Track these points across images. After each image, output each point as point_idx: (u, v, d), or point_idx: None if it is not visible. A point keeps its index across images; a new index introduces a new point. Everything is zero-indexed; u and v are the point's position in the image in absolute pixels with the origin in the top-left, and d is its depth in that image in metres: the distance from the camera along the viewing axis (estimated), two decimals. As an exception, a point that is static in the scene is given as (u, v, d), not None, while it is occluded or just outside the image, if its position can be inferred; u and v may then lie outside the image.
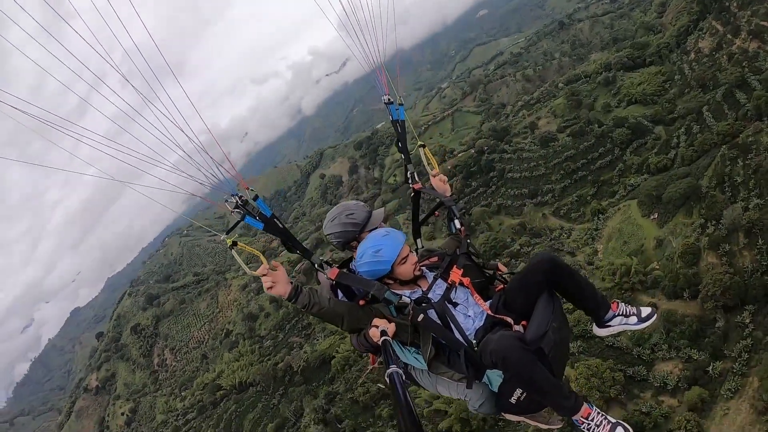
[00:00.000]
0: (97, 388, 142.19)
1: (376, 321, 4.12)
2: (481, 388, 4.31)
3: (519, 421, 4.58)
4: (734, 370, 43.96)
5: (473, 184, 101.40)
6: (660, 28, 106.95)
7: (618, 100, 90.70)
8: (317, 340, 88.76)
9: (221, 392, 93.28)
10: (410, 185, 5.28)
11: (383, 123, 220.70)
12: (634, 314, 4.59)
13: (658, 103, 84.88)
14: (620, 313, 4.60)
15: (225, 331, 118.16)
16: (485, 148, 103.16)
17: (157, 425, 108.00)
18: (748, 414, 40.75)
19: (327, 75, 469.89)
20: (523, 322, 4.20)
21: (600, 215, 74.53)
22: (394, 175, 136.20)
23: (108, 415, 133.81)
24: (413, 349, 4.36)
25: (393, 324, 4.10)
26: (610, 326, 4.62)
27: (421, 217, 5.62)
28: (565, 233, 78.69)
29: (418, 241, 5.42)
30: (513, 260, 72.33)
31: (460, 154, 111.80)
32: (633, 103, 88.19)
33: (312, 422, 67.94)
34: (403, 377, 3.30)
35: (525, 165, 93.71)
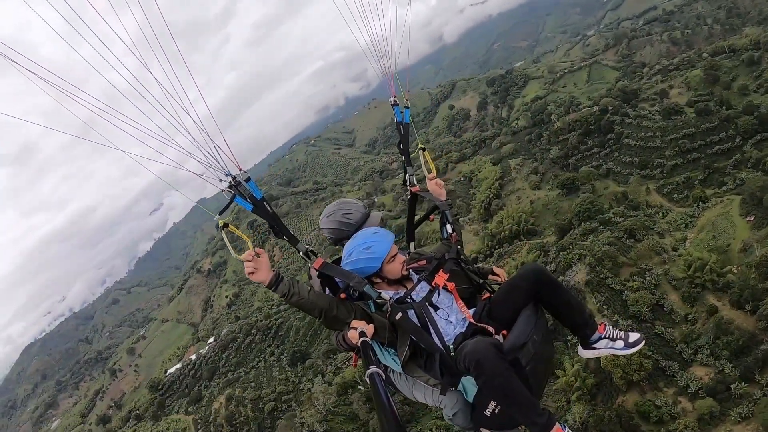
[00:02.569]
0: (209, 271, 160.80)
1: (354, 323, 4.04)
2: (456, 397, 4.23)
3: None
4: (754, 397, 43.28)
5: (589, 142, 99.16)
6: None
7: (758, 84, 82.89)
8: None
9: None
10: (408, 188, 5.20)
11: (521, 63, 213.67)
12: (621, 338, 4.44)
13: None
14: (607, 335, 4.45)
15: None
16: (609, 108, 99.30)
17: (253, 310, 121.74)
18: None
19: (472, 5, 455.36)
20: (504, 332, 4.16)
21: (701, 203, 71.06)
22: (516, 120, 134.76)
23: (214, 296, 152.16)
24: (392, 350, 4.34)
25: (371, 326, 4.04)
26: (595, 348, 4.50)
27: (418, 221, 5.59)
28: (663, 213, 75.95)
29: (411, 245, 5.35)
30: (604, 228, 71.93)
31: (584, 109, 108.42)
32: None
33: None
34: (384, 378, 3.25)
35: (643, 134, 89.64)
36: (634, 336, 4.47)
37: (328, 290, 4.47)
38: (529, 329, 4.06)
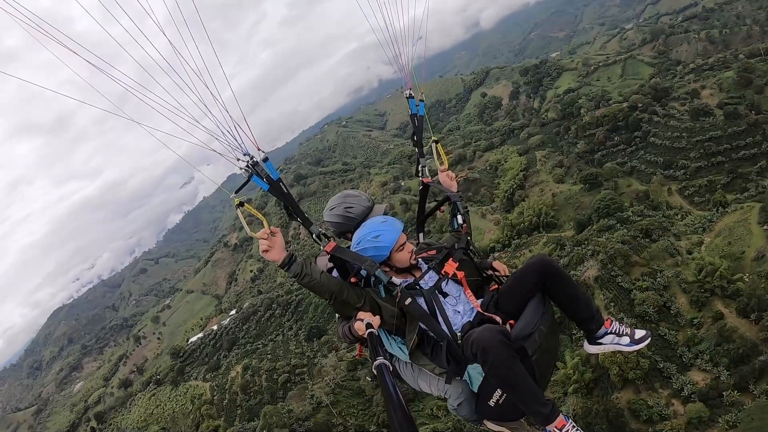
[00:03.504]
0: (235, 246, 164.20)
1: (360, 314, 4.07)
2: (461, 387, 4.19)
3: None
4: (745, 406, 43.61)
5: (616, 138, 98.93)
6: None
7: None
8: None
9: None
10: (420, 178, 5.23)
11: (557, 53, 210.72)
12: (627, 335, 4.42)
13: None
14: (613, 331, 4.42)
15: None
16: (639, 105, 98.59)
17: (275, 285, 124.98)
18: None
19: None
20: (511, 322, 4.15)
21: (721, 207, 70.60)
22: (546, 111, 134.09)
23: (238, 270, 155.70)
24: (399, 338, 4.33)
25: (377, 317, 4.08)
26: (601, 344, 4.47)
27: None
28: (682, 214, 75.77)
29: (420, 236, 5.34)
30: (621, 226, 72.11)
31: (613, 105, 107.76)
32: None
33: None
34: (391, 369, 3.18)
35: (669, 133, 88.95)
36: (640, 333, 4.45)
37: (337, 275, 4.45)
38: (536, 319, 4.08)
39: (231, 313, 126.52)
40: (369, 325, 3.88)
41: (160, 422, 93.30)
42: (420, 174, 5.24)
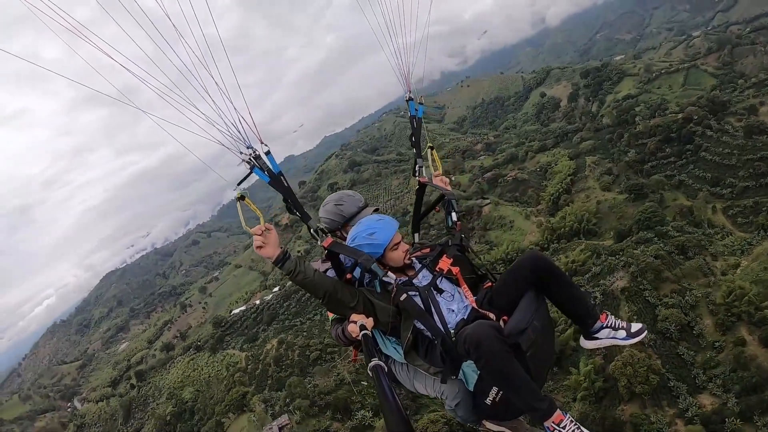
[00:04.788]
0: (285, 226, 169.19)
1: (354, 316, 4.05)
2: (457, 386, 4.12)
3: None
4: None
5: (667, 150, 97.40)
6: None
7: None
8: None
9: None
10: (417, 178, 5.26)
11: (621, 57, 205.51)
12: (623, 328, 4.33)
13: None
14: (609, 325, 4.34)
15: (403, 210, 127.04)
16: (694, 117, 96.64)
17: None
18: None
19: None
20: (505, 318, 4.07)
21: (763, 231, 69.17)
22: (602, 116, 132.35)
23: (287, 249, 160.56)
24: (393, 339, 4.26)
25: (371, 319, 4.03)
26: (597, 338, 4.38)
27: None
28: (723, 234, 74.56)
29: (416, 236, 5.38)
30: (658, 240, 71.77)
31: (669, 115, 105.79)
32: None
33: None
34: (386, 370, 3.16)
35: (720, 149, 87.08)
36: (636, 326, 4.36)
37: (334, 273, 4.41)
38: (530, 315, 3.99)
39: (274, 290, 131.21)
40: (363, 327, 3.87)
41: (195, 384, 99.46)
42: (417, 174, 5.29)
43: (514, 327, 3.90)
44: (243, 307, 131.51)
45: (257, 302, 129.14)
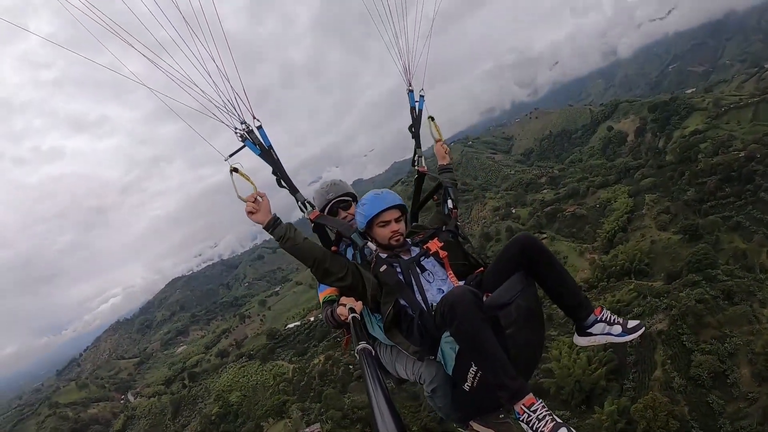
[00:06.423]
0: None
1: (343, 299, 4.09)
2: (435, 369, 4.03)
3: None
4: None
5: (727, 189, 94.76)
6: None
7: None
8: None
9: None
10: (416, 168, 5.27)
11: (693, 90, 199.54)
12: (618, 323, 4.01)
13: None
14: (603, 319, 4.04)
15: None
16: (757, 155, 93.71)
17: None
18: None
19: (651, 20, 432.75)
20: (488, 294, 3.89)
21: (816, 279, 66.72)
22: (665, 152, 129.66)
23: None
24: (378, 316, 4.18)
25: (360, 303, 4.03)
26: (591, 334, 4.08)
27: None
28: (775, 279, 72.22)
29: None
30: (706, 284, 70.80)
31: (731, 153, 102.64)
32: None
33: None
34: (373, 354, 3.11)
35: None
36: (633, 322, 4.04)
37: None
38: (514, 292, 3.76)
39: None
40: (352, 310, 3.87)
41: (242, 390, 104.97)
42: (416, 164, 5.33)
43: (494, 300, 3.77)
44: (298, 323, 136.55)
45: (311, 319, 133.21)
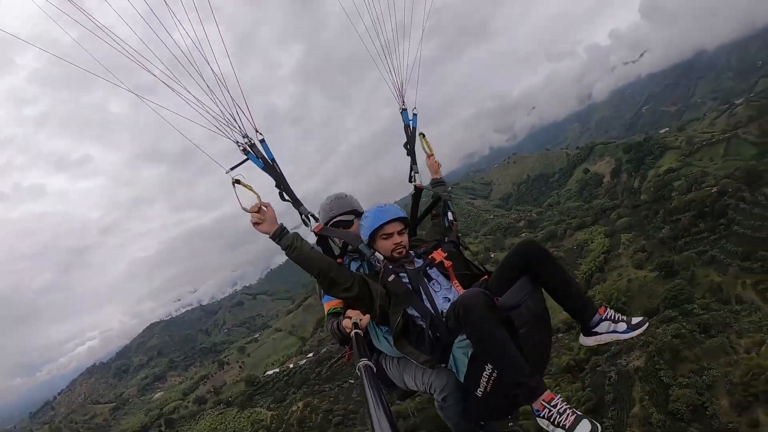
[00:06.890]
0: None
1: (349, 312, 4.02)
2: (446, 377, 4.03)
3: None
4: None
5: (701, 225, 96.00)
6: None
7: None
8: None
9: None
10: (413, 183, 5.37)
11: (666, 129, 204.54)
12: (623, 320, 4.12)
13: None
14: (608, 317, 4.14)
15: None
16: (729, 190, 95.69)
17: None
18: None
19: (624, 63, 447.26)
20: (497, 298, 3.87)
21: (792, 309, 67.38)
22: (640, 192, 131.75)
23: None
24: (385, 328, 4.23)
25: (367, 316, 3.98)
26: (597, 333, 4.15)
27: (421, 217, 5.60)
28: (750, 311, 72.72)
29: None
30: (682, 319, 70.94)
31: (704, 189, 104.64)
32: None
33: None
34: (375, 371, 3.09)
35: (752, 222, 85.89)
36: (637, 319, 4.16)
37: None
38: (523, 294, 3.84)
39: (309, 356, 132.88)
40: (356, 325, 3.81)
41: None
42: (413, 180, 5.40)
43: (504, 301, 3.82)
44: (276, 369, 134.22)
45: (291, 366, 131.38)
